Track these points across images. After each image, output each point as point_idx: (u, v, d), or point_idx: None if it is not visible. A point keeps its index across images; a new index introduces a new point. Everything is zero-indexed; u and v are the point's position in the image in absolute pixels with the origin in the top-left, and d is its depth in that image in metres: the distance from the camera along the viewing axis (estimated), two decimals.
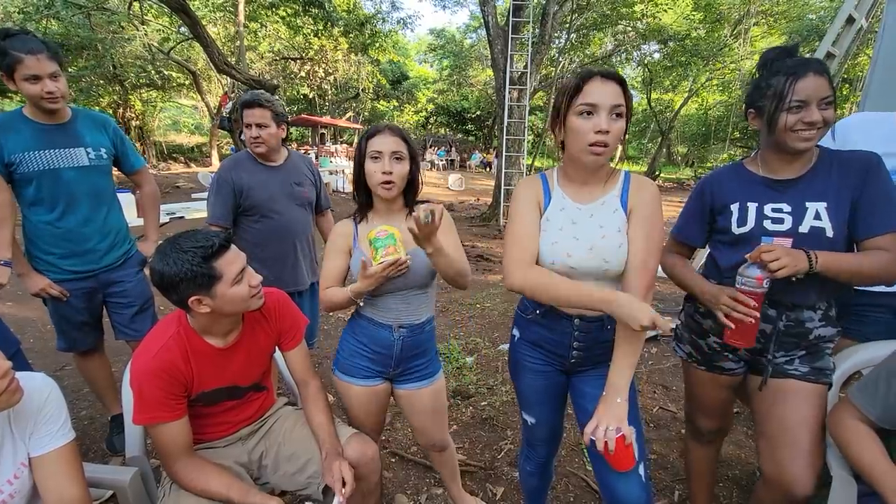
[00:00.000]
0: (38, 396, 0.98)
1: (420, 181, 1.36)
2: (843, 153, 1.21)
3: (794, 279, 1.12)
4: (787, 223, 1.19)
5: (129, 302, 1.94)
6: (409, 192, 1.35)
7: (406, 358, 1.39)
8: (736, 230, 1.25)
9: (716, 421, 1.50)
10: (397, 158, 1.25)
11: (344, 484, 1.17)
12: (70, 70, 12.92)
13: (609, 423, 1.03)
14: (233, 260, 1.12)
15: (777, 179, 1.23)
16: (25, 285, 1.74)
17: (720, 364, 1.37)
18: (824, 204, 1.17)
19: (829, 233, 1.15)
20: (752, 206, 1.24)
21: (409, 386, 1.44)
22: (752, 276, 1.12)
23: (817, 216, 1.17)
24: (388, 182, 1.25)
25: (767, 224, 1.21)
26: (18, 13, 10.15)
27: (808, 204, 1.18)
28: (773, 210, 1.21)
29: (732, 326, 1.18)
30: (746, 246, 1.22)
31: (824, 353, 1.26)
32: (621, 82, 1.07)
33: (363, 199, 1.36)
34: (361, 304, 1.33)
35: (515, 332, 1.36)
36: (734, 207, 1.26)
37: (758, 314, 1.14)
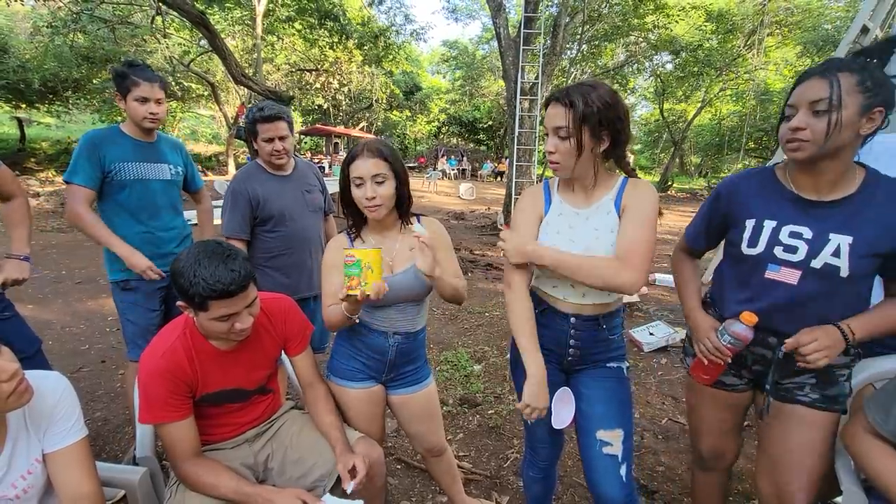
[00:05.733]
0: (51, 395, 1.01)
1: (410, 195, 1.35)
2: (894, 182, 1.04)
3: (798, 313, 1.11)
4: (801, 253, 1.07)
5: None
6: (402, 206, 1.35)
7: (399, 364, 1.43)
8: (745, 250, 1.15)
9: (715, 443, 1.39)
10: (378, 182, 1.24)
11: (355, 475, 1.20)
12: (94, 82, 13.35)
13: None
14: (226, 305, 1.08)
15: (807, 199, 1.09)
16: (131, 263, 1.82)
17: (721, 378, 1.29)
18: (850, 239, 1.03)
19: (844, 273, 1.04)
20: (768, 226, 1.12)
21: (402, 391, 1.47)
22: (736, 336, 1.13)
23: (836, 252, 1.04)
24: (374, 206, 1.26)
25: (778, 251, 1.10)
26: (47, 27, 10.51)
27: (831, 235, 1.04)
28: (791, 234, 1.09)
29: (705, 362, 1.22)
30: (754, 270, 1.15)
31: (839, 380, 1.15)
32: (567, 105, 1.10)
33: (354, 217, 1.36)
34: (357, 319, 1.30)
35: None
36: (749, 224, 1.15)
37: (729, 360, 1.18)
